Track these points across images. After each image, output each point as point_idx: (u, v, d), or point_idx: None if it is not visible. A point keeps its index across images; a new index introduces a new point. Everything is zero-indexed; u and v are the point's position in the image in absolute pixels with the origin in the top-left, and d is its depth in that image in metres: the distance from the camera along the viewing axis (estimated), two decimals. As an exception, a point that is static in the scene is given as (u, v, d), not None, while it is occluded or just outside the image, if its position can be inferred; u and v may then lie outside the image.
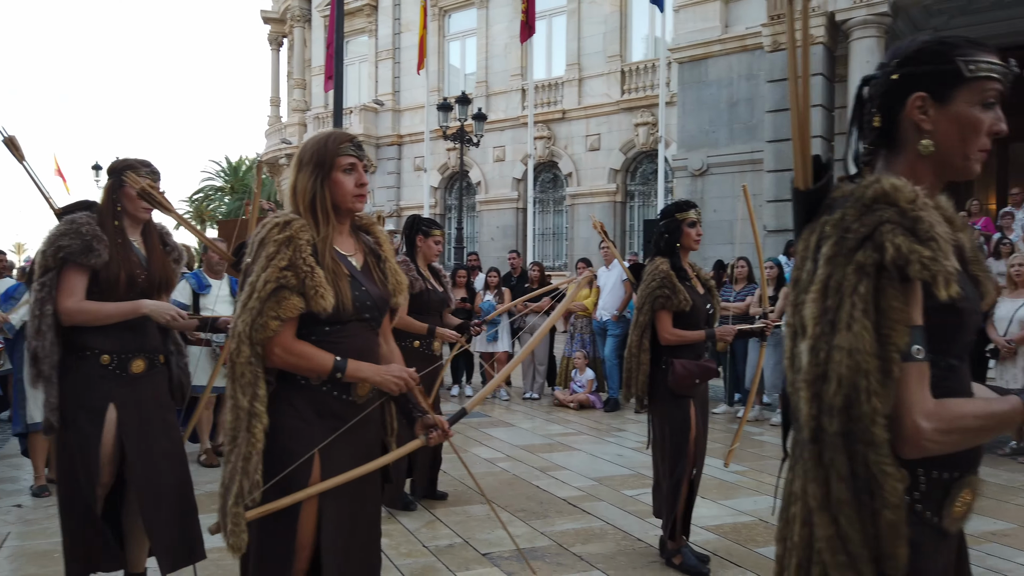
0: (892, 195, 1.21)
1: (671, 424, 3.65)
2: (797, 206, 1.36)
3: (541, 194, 21.59)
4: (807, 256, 1.29)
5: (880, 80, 1.37)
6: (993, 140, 1.41)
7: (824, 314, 1.20)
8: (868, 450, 1.16)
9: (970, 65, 1.29)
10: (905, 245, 1.16)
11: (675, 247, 3.70)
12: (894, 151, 1.36)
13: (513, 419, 7.76)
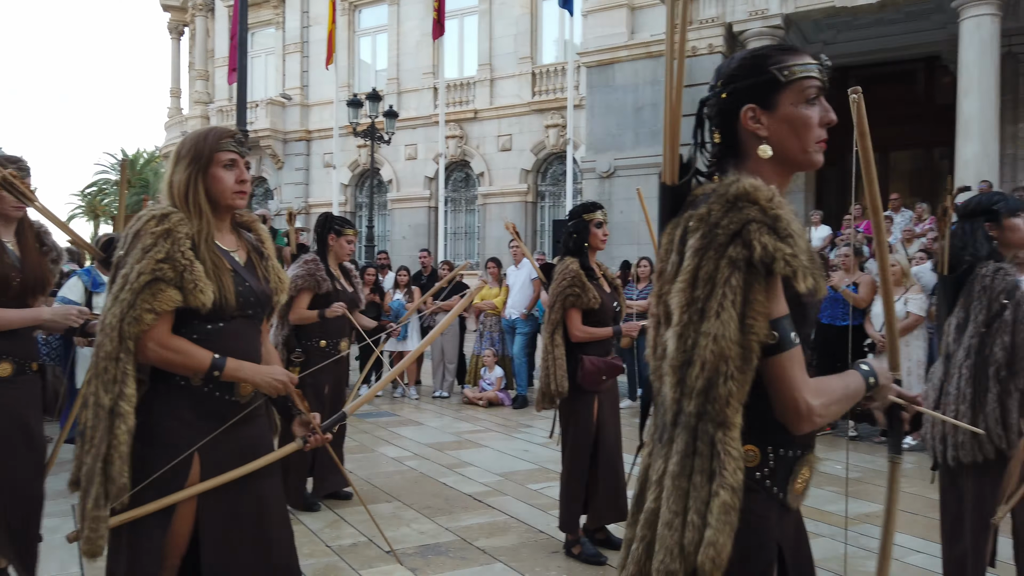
0: (753, 194, 1.30)
1: (575, 420, 3.77)
2: (664, 200, 1.45)
3: (453, 193, 21.59)
4: (671, 249, 1.37)
5: (713, 100, 1.48)
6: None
7: (692, 303, 1.27)
8: (718, 430, 1.24)
9: (784, 71, 1.42)
10: (771, 244, 1.26)
11: (583, 247, 3.81)
12: (740, 159, 1.47)
13: (422, 418, 7.76)
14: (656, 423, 1.42)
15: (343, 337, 4.66)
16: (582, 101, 17.40)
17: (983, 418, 2.77)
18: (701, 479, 1.25)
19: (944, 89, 14.48)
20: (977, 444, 2.79)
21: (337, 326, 4.61)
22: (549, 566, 3.66)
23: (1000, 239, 2.91)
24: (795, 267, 1.26)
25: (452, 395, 9.09)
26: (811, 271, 1.31)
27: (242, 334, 2.07)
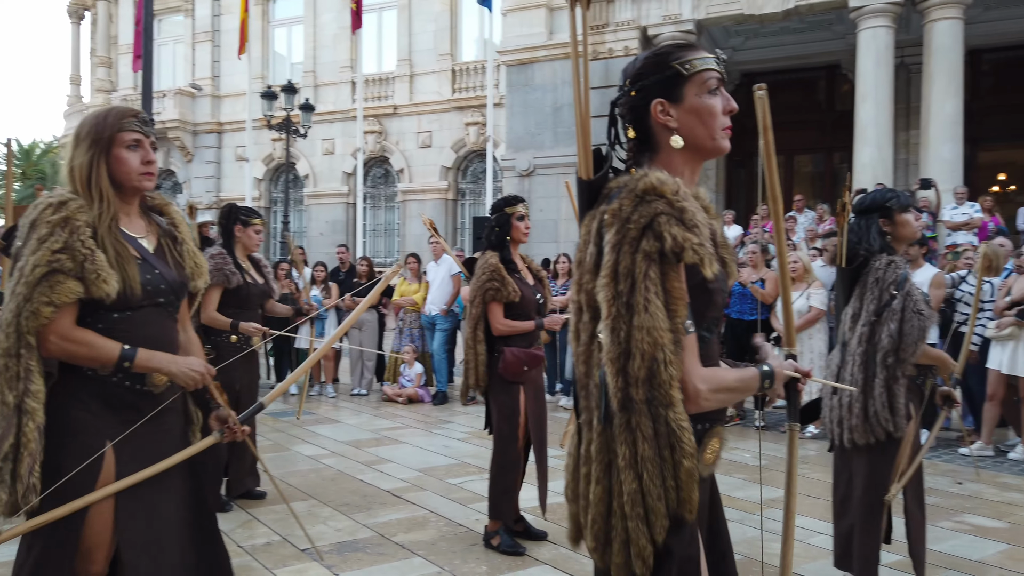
0: (659, 188, 1.39)
1: (501, 410, 3.80)
2: (580, 194, 1.51)
3: (372, 189, 21.31)
4: (589, 240, 1.45)
5: (624, 99, 1.56)
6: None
7: (618, 297, 1.37)
8: (668, 410, 1.36)
9: (685, 65, 1.52)
10: (679, 234, 1.35)
11: (505, 240, 3.84)
12: (654, 151, 1.56)
13: (340, 416, 7.64)
14: (586, 405, 1.49)
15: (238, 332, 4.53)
16: (502, 100, 17.48)
17: (872, 402, 2.95)
18: (668, 453, 1.38)
19: (844, 96, 15.27)
20: (869, 427, 2.96)
21: (250, 319, 4.49)
22: (468, 558, 3.67)
23: (893, 234, 3.10)
24: (702, 255, 1.36)
25: (371, 393, 8.98)
26: (717, 257, 1.41)
27: (153, 322, 2.00)
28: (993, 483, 5.03)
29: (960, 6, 11.59)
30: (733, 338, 7.18)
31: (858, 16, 12.12)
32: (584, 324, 1.46)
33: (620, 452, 1.40)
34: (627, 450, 1.39)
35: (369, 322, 8.99)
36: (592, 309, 1.43)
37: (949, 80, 11.64)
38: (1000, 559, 3.62)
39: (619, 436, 1.39)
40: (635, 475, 1.39)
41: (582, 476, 1.49)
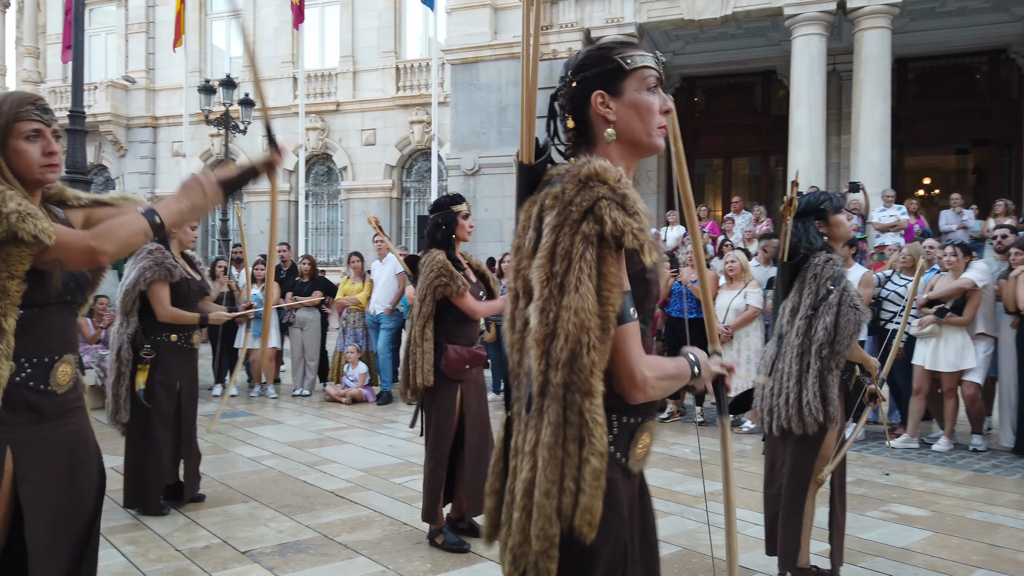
0: (602, 174, 1.40)
1: (438, 408, 3.80)
2: (520, 179, 1.52)
3: (315, 187, 21.01)
4: (528, 225, 1.45)
5: (564, 90, 1.58)
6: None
7: (552, 278, 1.34)
8: (584, 399, 1.31)
9: (627, 59, 1.54)
10: (620, 218, 1.35)
11: (452, 238, 3.85)
12: (591, 144, 1.57)
13: (281, 417, 7.52)
14: (519, 395, 1.47)
15: (195, 329, 4.43)
16: (447, 98, 17.43)
17: (805, 392, 3.07)
18: (574, 447, 1.32)
19: (779, 101, 15.73)
20: (801, 417, 3.08)
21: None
22: (412, 557, 3.67)
23: (828, 234, 3.25)
24: (642, 241, 1.36)
25: (313, 393, 8.86)
26: (656, 247, 1.41)
27: (59, 319, 1.96)
28: (918, 474, 5.27)
29: (888, 16, 12.07)
30: (673, 336, 7.33)
31: (792, 24, 12.51)
32: (520, 311, 1.44)
33: (528, 439, 1.36)
34: (533, 436, 1.35)
35: (312, 322, 8.87)
36: (528, 295, 1.41)
37: (878, 87, 12.11)
38: (923, 546, 3.79)
39: (531, 422, 1.36)
40: (532, 462, 1.34)
41: (511, 470, 1.43)
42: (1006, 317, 6.00)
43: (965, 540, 3.85)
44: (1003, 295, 5.97)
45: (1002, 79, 15.04)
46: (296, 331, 8.87)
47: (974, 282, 5.91)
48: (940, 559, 3.60)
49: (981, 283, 5.93)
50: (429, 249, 3.82)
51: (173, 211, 1.89)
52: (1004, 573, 3.42)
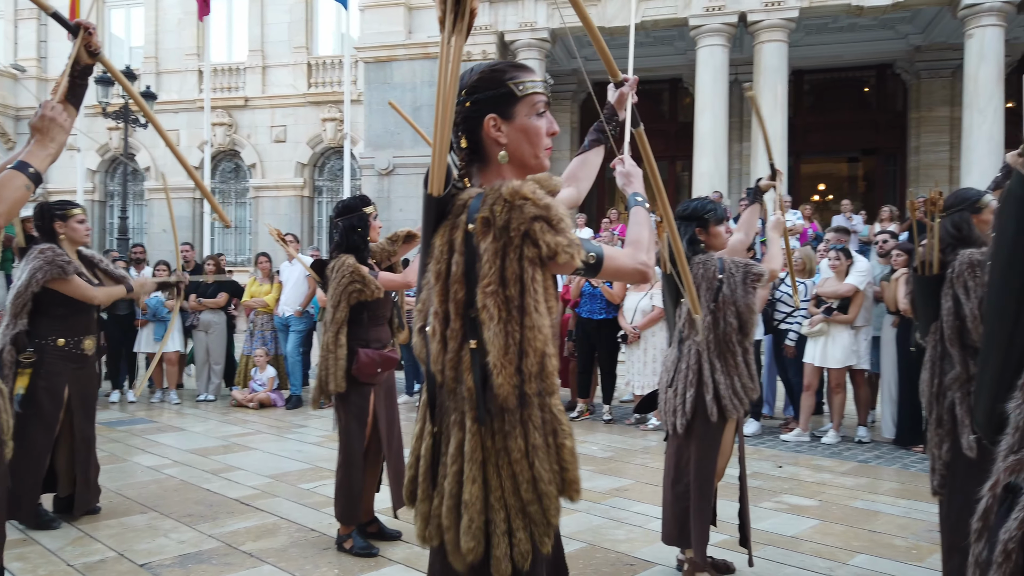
0: (521, 191, 1.50)
1: (350, 412, 3.78)
2: (431, 209, 1.56)
3: (222, 184, 20.35)
4: (453, 250, 1.52)
5: (459, 108, 1.62)
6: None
7: (509, 301, 1.48)
8: (551, 399, 1.54)
9: (519, 86, 1.63)
10: (552, 241, 1.49)
11: (366, 240, 3.83)
12: (484, 163, 1.66)
13: (184, 423, 7.26)
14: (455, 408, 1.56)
15: (88, 335, 4.22)
16: (360, 96, 17.20)
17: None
18: (552, 439, 1.54)
19: (685, 108, 16.29)
20: (704, 409, 3.24)
21: (82, 322, 4.18)
22: (319, 563, 3.64)
23: (707, 243, 3.41)
24: (572, 252, 1.50)
25: (219, 398, 8.60)
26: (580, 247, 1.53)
27: None
28: (809, 465, 5.59)
29: (785, 30, 12.69)
30: (583, 336, 7.50)
31: (697, 34, 12.98)
32: (453, 331, 1.52)
33: (515, 446, 1.51)
34: (522, 442, 1.51)
35: (217, 324, 8.60)
36: (463, 317, 1.51)
37: (776, 98, 12.72)
38: (811, 534, 4.04)
39: (513, 431, 1.51)
40: (528, 464, 1.51)
41: (450, 475, 1.54)
42: (888, 316, 6.43)
43: (848, 527, 4.12)
44: (885, 296, 6.40)
45: (889, 92, 16.07)
46: (200, 334, 8.58)
47: (855, 287, 6.31)
48: (825, 546, 3.84)
49: (862, 285, 6.33)
50: (339, 253, 3.79)
51: (42, 157, 1.98)
52: (882, 557, 3.68)
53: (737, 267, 3.29)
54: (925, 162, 15.06)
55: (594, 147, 2.14)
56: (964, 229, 3.07)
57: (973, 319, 2.96)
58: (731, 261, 3.31)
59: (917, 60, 14.99)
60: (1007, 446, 1.11)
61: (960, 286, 2.99)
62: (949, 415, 3.05)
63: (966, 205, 3.10)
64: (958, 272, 3.00)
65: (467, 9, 1.44)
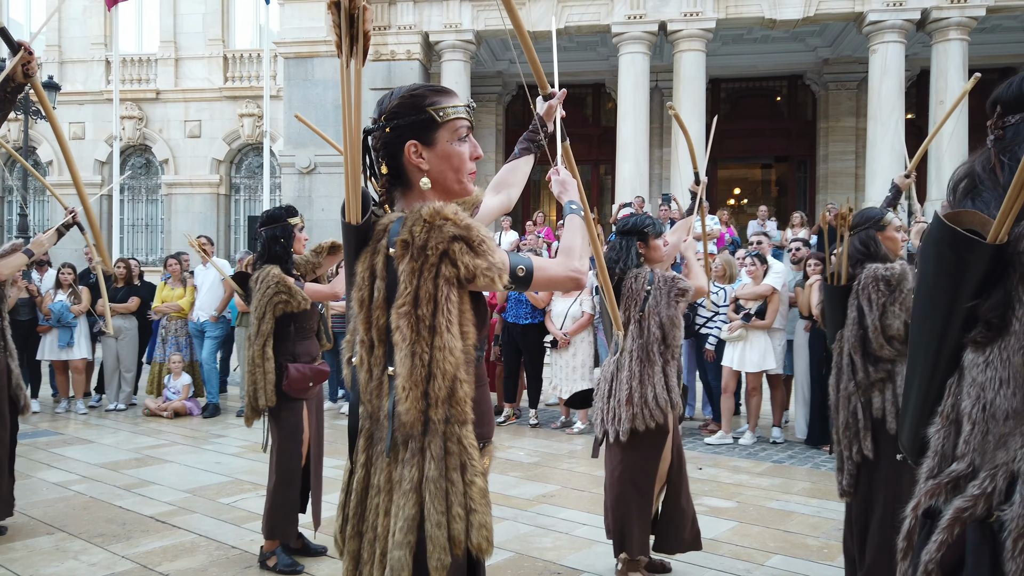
0: (442, 211, 1.47)
1: (285, 427, 3.67)
2: (350, 238, 1.54)
3: (131, 180, 19.49)
4: (375, 275, 1.49)
5: (378, 133, 1.61)
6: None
7: (420, 321, 1.42)
8: (462, 428, 1.44)
9: (440, 111, 1.60)
10: (471, 263, 1.44)
11: (290, 251, 3.73)
12: (407, 188, 1.63)
13: (92, 435, 6.92)
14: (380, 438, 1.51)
15: None
16: (280, 92, 16.77)
17: (651, 388, 3.31)
18: (457, 475, 1.43)
19: (608, 113, 16.58)
20: (649, 411, 3.32)
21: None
22: (242, 582, 3.54)
23: (646, 255, 3.51)
24: (492, 276, 1.46)
25: (130, 407, 8.23)
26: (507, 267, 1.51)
27: None
28: (727, 467, 5.78)
29: (703, 40, 13.07)
30: (509, 341, 7.53)
31: (619, 41, 13.23)
32: (376, 359, 1.48)
33: (408, 476, 1.42)
34: (416, 473, 1.42)
35: (128, 330, 8.23)
36: (385, 343, 1.46)
37: (694, 105, 13.09)
38: (729, 535, 4.18)
39: (410, 460, 1.43)
40: (417, 499, 1.41)
41: (371, 508, 1.49)
42: (801, 321, 6.71)
43: (764, 528, 4.29)
44: (799, 302, 6.68)
45: (799, 102, 16.77)
46: (110, 340, 8.19)
47: (774, 287, 6.58)
48: (743, 547, 3.98)
49: (779, 285, 6.61)
50: (263, 264, 3.68)
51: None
52: (797, 557, 3.85)
53: (665, 281, 3.39)
54: (833, 170, 15.80)
55: (524, 155, 2.15)
56: (871, 246, 3.26)
57: (874, 329, 3.15)
58: (660, 275, 3.41)
59: (825, 72, 15.70)
60: (927, 469, 1.19)
61: (864, 298, 3.18)
62: (853, 419, 3.23)
63: (871, 223, 3.30)
64: (863, 284, 3.18)
65: (361, 32, 1.40)
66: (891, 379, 3.13)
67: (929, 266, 1.17)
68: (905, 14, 12.45)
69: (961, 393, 1.14)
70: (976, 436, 1.09)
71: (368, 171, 1.62)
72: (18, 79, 1.92)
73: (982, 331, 1.10)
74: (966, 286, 1.10)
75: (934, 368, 1.19)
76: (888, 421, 3.11)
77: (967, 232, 1.08)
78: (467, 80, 13.71)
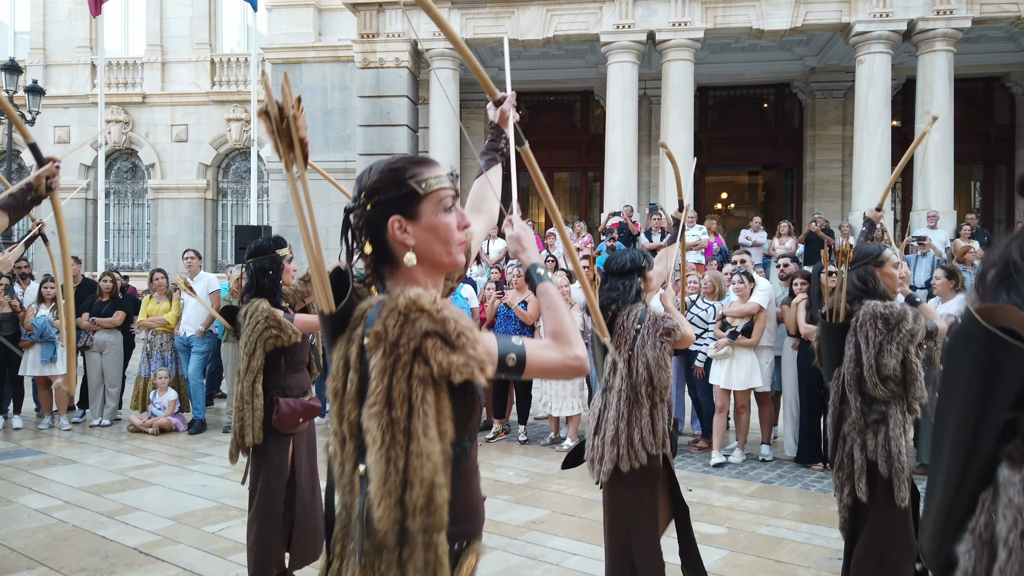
0: (418, 302, 1.39)
1: (270, 465, 3.59)
2: (326, 326, 1.49)
3: (117, 185, 19.35)
4: (348, 367, 1.43)
5: (359, 210, 1.54)
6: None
7: (393, 424, 1.33)
8: (438, 536, 1.36)
9: (422, 184, 1.53)
10: (445, 360, 1.35)
11: (278, 284, 3.67)
12: (393, 264, 1.56)
13: (76, 454, 6.83)
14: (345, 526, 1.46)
15: None
16: (267, 98, 16.62)
17: (638, 430, 3.25)
18: None
19: (596, 120, 16.57)
20: (634, 452, 3.25)
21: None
22: (228, 621, 3.49)
23: (644, 288, 3.47)
24: (469, 371, 1.37)
25: (115, 423, 8.14)
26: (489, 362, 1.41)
27: None
28: (717, 488, 5.77)
29: (691, 50, 13.09)
30: (498, 357, 7.50)
31: (608, 51, 13.22)
32: (348, 454, 1.43)
33: None
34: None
35: (113, 345, 8.14)
36: (356, 439, 1.40)
37: (682, 114, 13.11)
38: (721, 566, 4.16)
39: (388, 571, 1.36)
40: None
41: None
42: (788, 339, 6.72)
43: (756, 558, 4.28)
44: (786, 319, 6.69)
45: (786, 110, 16.82)
46: (95, 355, 8.10)
47: (761, 305, 6.57)
48: (734, 578, 3.97)
49: (765, 303, 6.60)
50: (250, 297, 3.62)
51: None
52: (786, 587, 3.84)
53: (653, 320, 3.34)
54: (820, 178, 15.86)
55: (491, 166, 2.06)
56: (870, 283, 3.25)
57: (869, 368, 3.13)
58: (651, 314, 3.36)
59: (812, 80, 15.76)
60: None
61: (862, 335, 3.16)
62: (849, 460, 3.21)
63: (869, 260, 3.28)
64: (861, 322, 3.16)
65: (297, 139, 1.34)
66: (885, 421, 3.11)
67: (959, 367, 1.06)
68: (891, 25, 12.51)
69: (996, 513, 1.01)
70: (1013, 566, 0.98)
71: (351, 253, 1.56)
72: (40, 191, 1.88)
73: (1020, 446, 0.98)
74: (1002, 394, 0.98)
75: (961, 479, 1.07)
76: (880, 465, 3.09)
77: (1004, 332, 0.96)
78: (456, 88, 13.67)
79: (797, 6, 12.69)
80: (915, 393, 3.09)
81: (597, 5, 13.02)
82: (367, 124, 13.63)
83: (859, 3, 12.52)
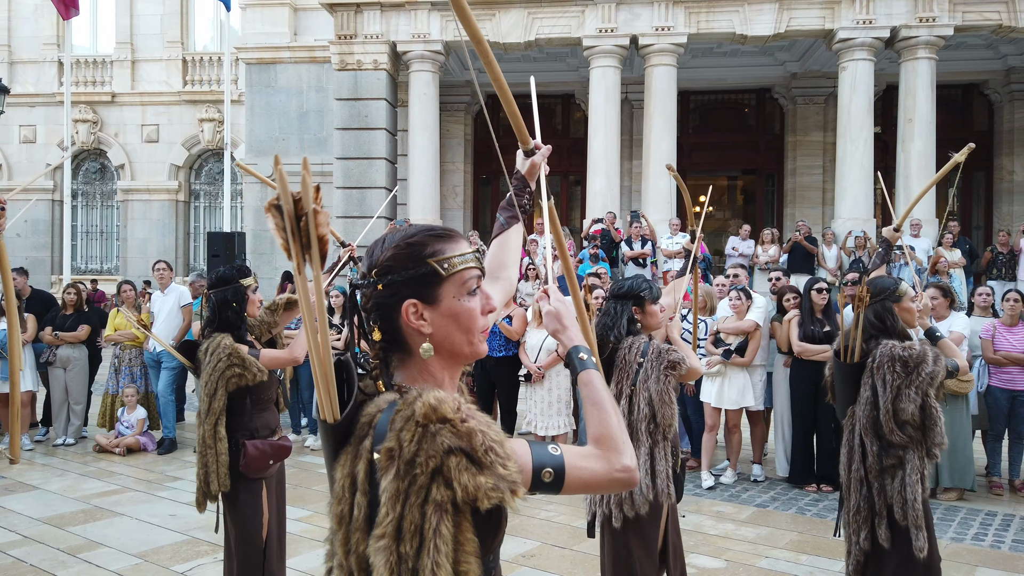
0: (440, 410, 1.17)
1: (244, 512, 3.33)
2: (327, 436, 1.26)
3: (85, 186, 18.85)
4: (355, 488, 1.20)
5: (369, 289, 1.32)
6: None
7: (401, 561, 1.13)
8: None
9: (444, 264, 1.31)
10: (471, 483, 1.14)
11: (243, 316, 3.40)
12: (406, 353, 1.33)
13: (37, 479, 6.48)
14: None
15: None
16: (241, 97, 16.30)
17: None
18: None
19: (577, 123, 16.40)
20: (632, 498, 3.05)
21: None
22: None
23: (643, 322, 3.26)
24: (498, 497, 1.15)
25: (80, 441, 7.79)
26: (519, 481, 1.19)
27: None
28: (711, 513, 5.59)
29: (674, 55, 12.95)
30: (483, 373, 7.27)
31: (590, 55, 13.05)
32: None
33: None
34: None
35: (77, 360, 7.78)
36: (365, 574, 1.18)
37: (665, 121, 12.97)
38: (720, 605, 3.98)
39: None
40: None
41: None
42: (780, 356, 6.57)
43: (756, 595, 4.10)
44: (777, 336, 6.53)
45: (767, 115, 16.78)
46: (58, 371, 7.74)
47: (757, 323, 6.41)
48: (736, 620, 3.78)
49: (762, 321, 6.45)
50: (212, 331, 3.34)
51: None
52: (790, 630, 3.66)
53: (657, 353, 3.15)
54: (801, 184, 15.82)
55: (512, 224, 1.83)
56: (887, 320, 3.07)
57: (886, 413, 2.95)
58: (655, 346, 3.17)
59: (793, 86, 15.71)
60: None
61: (879, 378, 2.98)
62: (867, 504, 3.03)
63: (886, 295, 3.10)
64: (879, 363, 2.98)
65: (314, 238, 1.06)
66: (901, 466, 2.93)
67: None
68: (874, 32, 12.47)
69: None
70: None
71: (358, 328, 1.33)
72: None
73: None
74: None
75: None
76: (895, 511, 2.92)
77: None
78: (435, 92, 13.40)
79: (780, 12, 12.60)
80: (935, 439, 2.92)
81: (579, 8, 12.84)
82: (344, 127, 13.32)
83: (843, 10, 12.48)
